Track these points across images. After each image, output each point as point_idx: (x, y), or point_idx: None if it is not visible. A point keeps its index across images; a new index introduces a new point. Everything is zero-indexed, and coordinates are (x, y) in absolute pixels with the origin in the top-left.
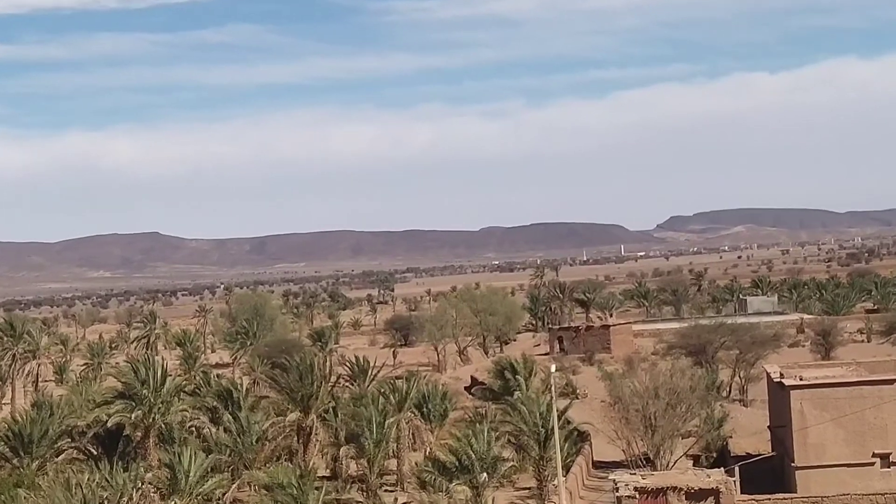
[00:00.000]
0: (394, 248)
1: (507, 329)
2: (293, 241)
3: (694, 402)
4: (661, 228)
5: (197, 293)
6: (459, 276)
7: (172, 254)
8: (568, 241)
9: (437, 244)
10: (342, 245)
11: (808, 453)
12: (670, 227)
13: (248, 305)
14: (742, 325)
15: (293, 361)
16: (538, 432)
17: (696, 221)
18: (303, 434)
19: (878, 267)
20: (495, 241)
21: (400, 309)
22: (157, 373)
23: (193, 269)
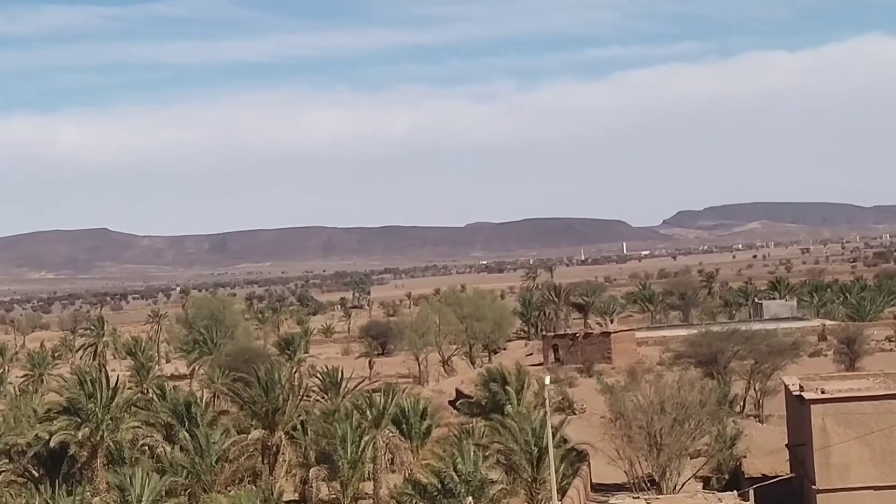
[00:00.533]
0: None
1: (497, 337)
2: (257, 239)
3: (704, 417)
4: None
5: (150, 296)
6: (443, 278)
7: (122, 252)
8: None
9: (418, 242)
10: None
11: (831, 475)
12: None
13: (206, 310)
14: (757, 332)
15: (257, 373)
16: (531, 451)
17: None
18: (268, 454)
19: None
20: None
21: (377, 314)
22: (106, 385)
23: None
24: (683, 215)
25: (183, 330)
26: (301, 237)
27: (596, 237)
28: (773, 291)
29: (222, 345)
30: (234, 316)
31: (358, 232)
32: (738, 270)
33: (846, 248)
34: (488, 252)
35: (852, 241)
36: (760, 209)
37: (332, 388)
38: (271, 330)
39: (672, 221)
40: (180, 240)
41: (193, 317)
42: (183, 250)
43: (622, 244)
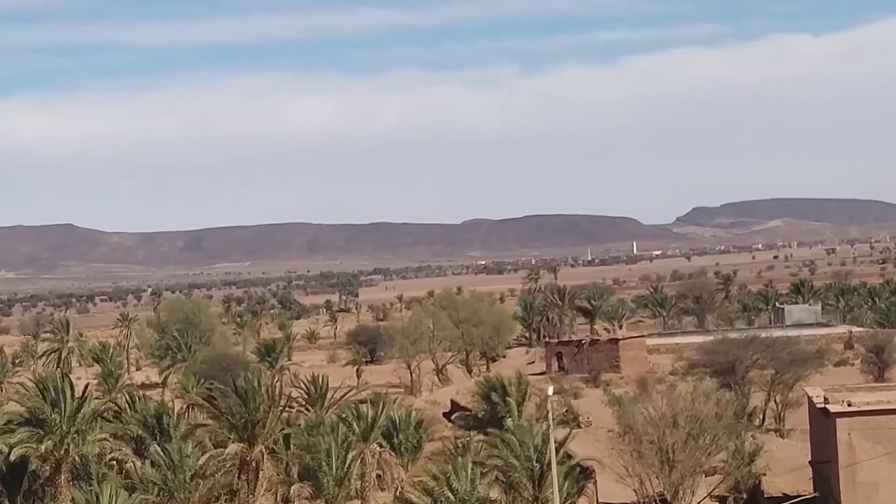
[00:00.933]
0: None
1: (495, 343)
2: (236, 236)
3: (720, 432)
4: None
5: (119, 298)
6: (437, 279)
7: (90, 250)
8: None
9: (410, 240)
10: (295, 241)
11: (858, 494)
12: (692, 220)
13: (180, 313)
14: (779, 339)
15: (235, 381)
16: (532, 468)
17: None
18: (247, 469)
19: None
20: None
21: (365, 318)
22: (71, 395)
23: (115, 268)
24: (699, 212)
25: (155, 335)
26: (283, 234)
27: (604, 236)
28: (796, 295)
29: (197, 351)
30: (210, 320)
31: (345, 229)
32: (757, 272)
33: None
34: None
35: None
36: (782, 206)
37: (317, 398)
38: (251, 335)
39: (686, 219)
40: (152, 237)
41: (166, 321)
42: (155, 248)
43: (632, 243)
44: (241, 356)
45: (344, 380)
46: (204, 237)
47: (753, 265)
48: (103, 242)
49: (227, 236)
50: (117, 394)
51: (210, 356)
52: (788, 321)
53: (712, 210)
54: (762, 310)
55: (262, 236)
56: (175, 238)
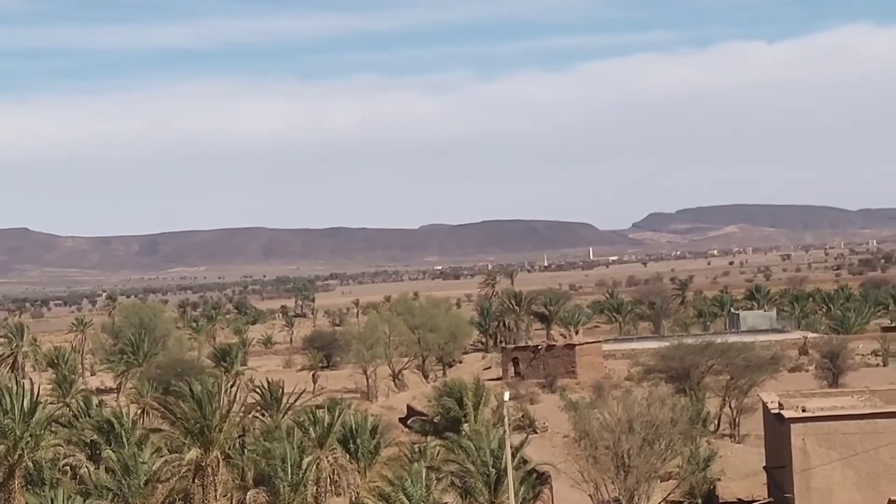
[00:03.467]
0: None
1: (452, 349)
2: (192, 241)
3: (675, 437)
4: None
5: (74, 303)
6: (394, 285)
7: (44, 255)
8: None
9: (367, 245)
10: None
11: (812, 499)
12: (649, 226)
13: (135, 318)
14: (734, 344)
15: (191, 387)
16: (488, 473)
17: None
18: (202, 474)
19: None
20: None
21: (321, 323)
22: (25, 400)
23: (70, 273)
24: (655, 218)
25: (110, 340)
26: (239, 239)
27: (560, 241)
28: (751, 301)
29: (152, 356)
30: (165, 324)
31: (302, 234)
32: (713, 278)
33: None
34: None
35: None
36: (738, 212)
37: (273, 403)
38: (206, 340)
39: (642, 225)
40: (107, 241)
41: (121, 325)
42: (110, 252)
43: (588, 249)
44: (197, 361)
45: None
46: (159, 242)
47: (709, 271)
48: (58, 247)
49: (183, 241)
50: (72, 399)
51: (165, 361)
52: (743, 327)
53: (668, 216)
54: (717, 315)
55: (218, 241)
56: (130, 242)
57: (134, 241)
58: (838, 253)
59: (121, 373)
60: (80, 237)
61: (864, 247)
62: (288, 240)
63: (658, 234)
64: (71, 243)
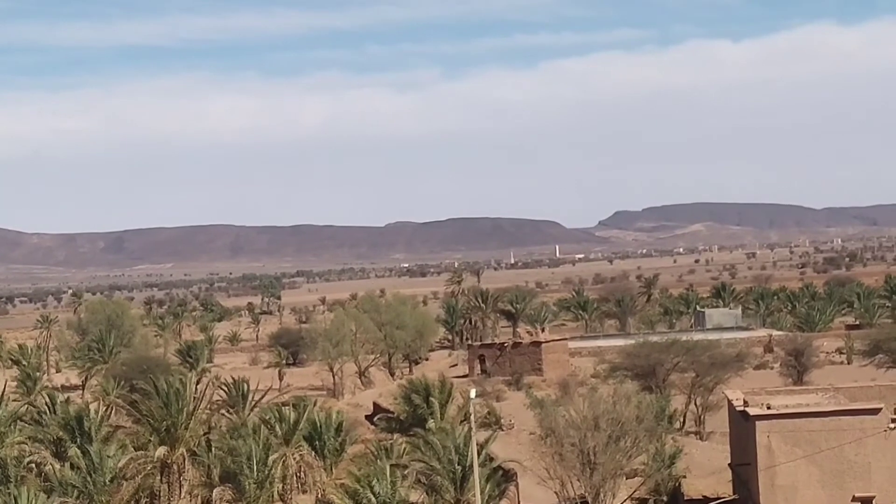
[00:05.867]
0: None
1: (418, 346)
2: (158, 238)
3: (641, 434)
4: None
5: (39, 300)
6: (360, 282)
7: (9, 251)
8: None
9: (333, 243)
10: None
11: (777, 496)
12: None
13: (101, 315)
14: (699, 342)
15: (156, 384)
16: (454, 470)
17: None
18: (168, 472)
19: (860, 274)
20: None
21: (288, 321)
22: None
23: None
24: (621, 216)
25: (75, 337)
26: (205, 236)
27: (526, 239)
28: (717, 299)
29: (118, 353)
30: (131, 322)
31: (268, 231)
32: (679, 276)
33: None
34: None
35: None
36: (703, 210)
37: (239, 400)
38: (172, 337)
39: (608, 223)
40: (73, 238)
41: (87, 322)
42: (75, 249)
43: (555, 247)
44: (163, 358)
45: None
46: (125, 238)
47: (675, 269)
48: (23, 243)
49: (149, 238)
50: (36, 396)
51: (131, 358)
52: (709, 324)
53: (634, 214)
54: (683, 313)
55: (184, 238)
56: (96, 239)
57: (100, 238)
58: (803, 251)
59: (86, 370)
60: (46, 234)
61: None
62: (254, 237)
63: (624, 232)
64: (36, 240)
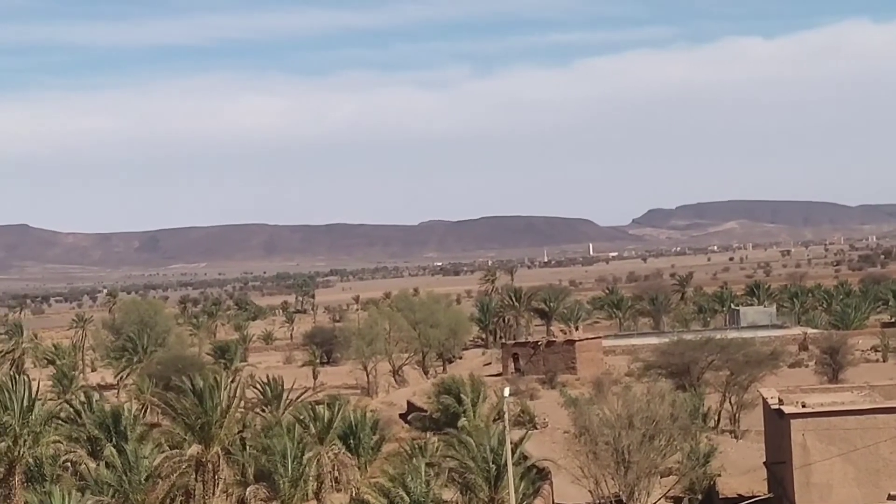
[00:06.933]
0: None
1: (452, 345)
2: (192, 237)
3: (675, 433)
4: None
5: (74, 299)
6: (394, 281)
7: (44, 251)
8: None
9: (366, 241)
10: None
11: (812, 495)
12: (648, 222)
13: (136, 314)
14: (734, 340)
15: (191, 382)
16: (488, 469)
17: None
18: (203, 470)
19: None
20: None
21: (322, 319)
22: (25, 396)
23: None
24: (654, 214)
25: (110, 336)
26: (239, 235)
27: (560, 237)
28: (751, 297)
29: (153, 352)
30: (166, 321)
31: (301, 230)
32: (713, 274)
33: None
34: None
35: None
36: (738, 208)
37: (273, 399)
38: (207, 336)
39: (642, 221)
40: (108, 237)
41: (122, 322)
42: (110, 249)
43: (588, 245)
44: (197, 357)
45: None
46: (160, 238)
47: (709, 267)
48: (58, 243)
49: (183, 237)
50: (72, 395)
51: (166, 357)
52: (743, 323)
53: (668, 212)
54: (717, 311)
55: (218, 237)
56: (131, 239)
57: (134, 238)
58: (838, 249)
59: (121, 369)
60: (81, 233)
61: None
62: (288, 236)
63: (658, 230)
64: (71, 240)
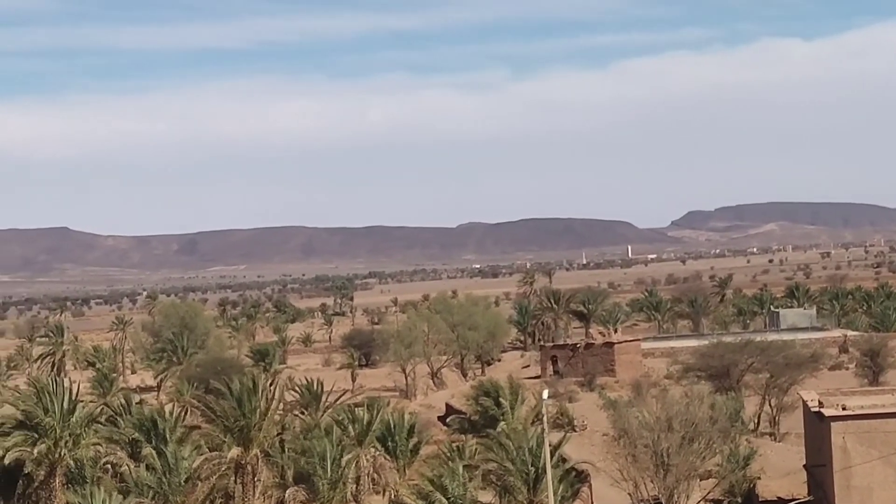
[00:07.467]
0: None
1: (490, 347)
2: (231, 240)
3: (715, 435)
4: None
5: (114, 301)
6: (432, 283)
7: (84, 254)
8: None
9: (405, 244)
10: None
11: (852, 498)
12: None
13: (175, 317)
14: (773, 343)
15: (230, 385)
16: (527, 471)
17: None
18: (242, 472)
19: None
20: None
21: (360, 322)
22: (65, 398)
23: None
24: (693, 216)
25: (150, 338)
26: (278, 238)
27: (598, 239)
28: (791, 299)
29: (192, 355)
30: (205, 323)
31: (340, 232)
32: (752, 276)
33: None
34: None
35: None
36: (777, 210)
37: (312, 402)
38: (245, 339)
39: (681, 223)
40: (147, 240)
41: (161, 324)
42: (150, 251)
43: (627, 247)
44: (236, 360)
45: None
46: (199, 240)
47: (748, 269)
48: (98, 246)
49: (222, 240)
50: (112, 397)
51: (205, 360)
52: (783, 325)
53: (707, 214)
54: (757, 313)
55: (257, 240)
56: (170, 241)
57: (173, 240)
58: (878, 250)
59: (161, 371)
60: (121, 236)
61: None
62: (326, 238)
63: (697, 232)
64: (111, 242)
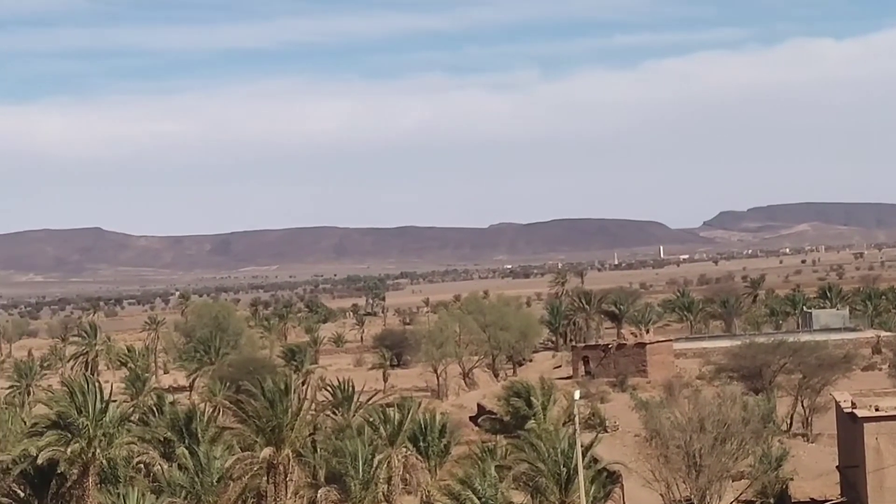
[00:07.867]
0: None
1: (522, 347)
2: (263, 240)
3: (747, 436)
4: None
5: (147, 301)
6: (464, 283)
7: (117, 254)
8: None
9: (437, 244)
10: (322, 244)
11: (885, 499)
12: (720, 224)
13: (208, 317)
14: (806, 343)
15: (263, 385)
16: (558, 472)
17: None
18: (274, 472)
19: None
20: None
21: (392, 322)
22: (98, 398)
23: (143, 272)
24: (726, 216)
25: (182, 338)
26: (310, 238)
27: (630, 240)
28: (824, 300)
29: (225, 355)
30: (237, 323)
31: (372, 233)
32: (785, 276)
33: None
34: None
35: None
36: (810, 210)
37: (344, 402)
38: (278, 339)
39: (713, 223)
40: (180, 240)
41: (194, 324)
42: (182, 251)
43: (659, 247)
44: (268, 360)
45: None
46: (231, 241)
47: (781, 269)
48: (131, 246)
49: (255, 240)
50: (145, 397)
51: (237, 360)
52: (816, 326)
53: (739, 214)
54: (790, 314)
55: (289, 240)
56: (203, 241)
57: (206, 241)
58: None
59: (193, 371)
60: (153, 236)
61: None
62: (358, 239)
63: (729, 233)
64: (144, 242)
